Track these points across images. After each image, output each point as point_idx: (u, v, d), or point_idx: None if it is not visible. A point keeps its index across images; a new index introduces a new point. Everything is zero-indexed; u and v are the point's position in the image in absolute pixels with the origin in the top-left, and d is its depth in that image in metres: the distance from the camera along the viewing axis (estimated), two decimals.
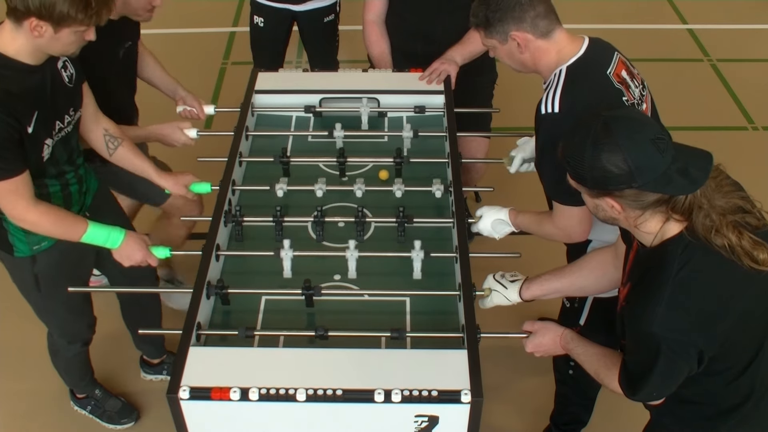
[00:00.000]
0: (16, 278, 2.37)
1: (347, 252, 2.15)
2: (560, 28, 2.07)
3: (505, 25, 2.04)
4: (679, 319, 1.59)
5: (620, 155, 1.53)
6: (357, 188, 2.39)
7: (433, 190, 2.40)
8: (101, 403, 2.86)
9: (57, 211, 2.14)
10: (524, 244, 2.40)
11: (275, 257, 2.16)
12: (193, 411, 1.80)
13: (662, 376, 1.66)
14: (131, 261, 2.24)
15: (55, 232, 2.15)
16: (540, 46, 2.05)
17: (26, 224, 2.09)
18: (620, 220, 1.67)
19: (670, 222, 1.62)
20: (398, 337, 1.93)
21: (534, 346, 2.05)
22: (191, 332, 1.92)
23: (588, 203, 1.72)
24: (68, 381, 2.83)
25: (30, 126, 1.98)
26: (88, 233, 2.16)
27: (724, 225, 1.59)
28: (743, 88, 4.81)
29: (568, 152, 1.63)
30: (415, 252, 2.15)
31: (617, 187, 1.56)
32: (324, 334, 1.93)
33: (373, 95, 2.78)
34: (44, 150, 2.07)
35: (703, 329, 1.61)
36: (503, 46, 2.09)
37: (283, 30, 3.59)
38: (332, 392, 1.76)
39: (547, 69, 2.09)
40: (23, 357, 3.13)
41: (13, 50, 1.94)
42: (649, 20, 5.37)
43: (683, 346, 1.61)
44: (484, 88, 3.22)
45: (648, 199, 1.58)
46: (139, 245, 2.23)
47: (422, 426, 1.80)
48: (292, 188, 2.41)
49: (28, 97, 1.98)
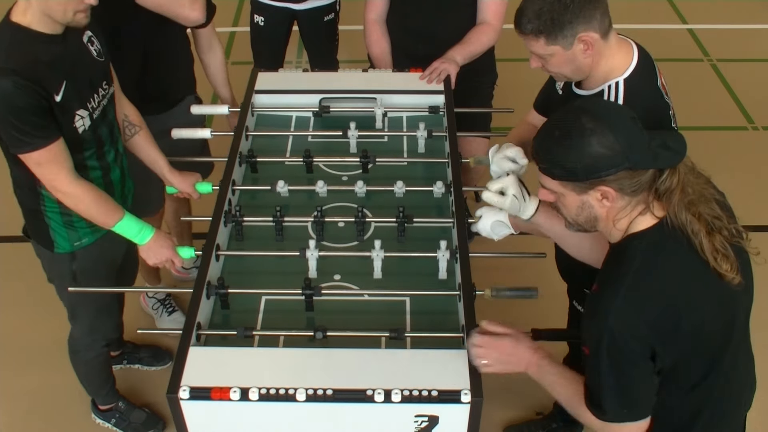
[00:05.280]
0: (53, 274, 2.37)
1: (373, 252, 2.14)
2: (612, 27, 1.97)
3: (576, 26, 1.88)
4: (638, 313, 1.56)
5: (611, 136, 1.53)
6: (357, 188, 2.40)
7: (433, 190, 2.40)
8: (126, 415, 2.84)
9: (99, 190, 2.14)
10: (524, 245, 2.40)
11: (301, 257, 2.14)
12: (193, 411, 1.80)
13: (617, 380, 1.60)
14: (157, 259, 2.25)
15: (93, 211, 2.12)
16: (601, 48, 1.93)
17: (68, 197, 2.08)
18: (601, 217, 1.64)
19: (642, 216, 1.60)
20: (397, 337, 1.93)
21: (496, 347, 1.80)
22: (191, 332, 1.92)
23: (571, 206, 1.65)
24: (89, 389, 2.80)
25: (58, 95, 1.98)
26: (123, 222, 2.17)
27: (698, 211, 1.59)
28: (743, 88, 4.81)
29: (552, 151, 1.60)
30: (441, 252, 2.14)
31: (612, 170, 1.54)
32: (323, 335, 1.93)
33: (372, 95, 2.78)
34: (76, 121, 2.06)
35: (658, 326, 1.58)
36: (566, 51, 1.93)
37: (284, 29, 3.60)
38: (332, 392, 1.76)
39: (597, 74, 1.99)
40: (27, 353, 3.14)
41: (29, 21, 1.96)
42: (649, 20, 5.37)
43: (636, 343, 1.57)
44: (484, 88, 3.22)
45: (643, 178, 1.57)
46: (167, 244, 2.24)
47: (422, 426, 1.80)
48: (293, 188, 2.41)
49: (52, 65, 1.98)
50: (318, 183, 2.39)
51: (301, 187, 2.43)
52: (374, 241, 2.16)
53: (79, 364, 2.66)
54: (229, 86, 2.98)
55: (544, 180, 1.66)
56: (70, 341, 2.61)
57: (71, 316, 2.51)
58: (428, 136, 2.62)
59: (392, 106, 2.77)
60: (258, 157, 2.52)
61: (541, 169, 1.65)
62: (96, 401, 2.86)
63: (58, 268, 2.34)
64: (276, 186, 2.39)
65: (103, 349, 2.63)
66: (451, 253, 2.16)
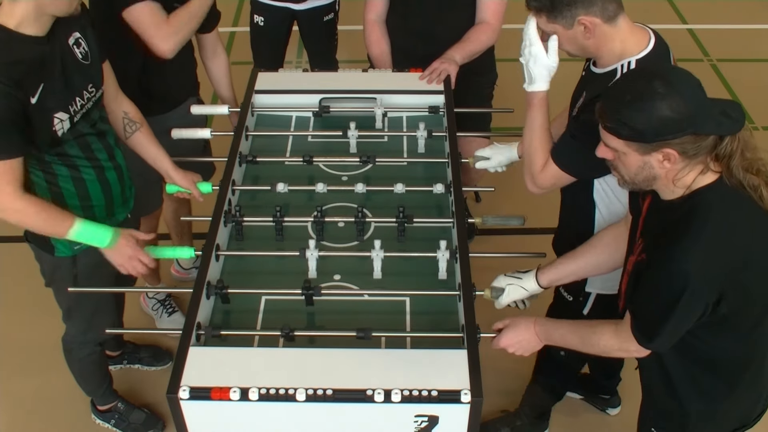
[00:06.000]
0: (54, 278, 2.36)
1: (373, 252, 2.14)
2: (624, 14, 2.03)
3: (574, 9, 1.97)
4: (716, 258, 1.65)
5: (681, 100, 1.60)
6: (357, 188, 2.40)
7: (433, 190, 2.40)
8: (125, 416, 2.84)
9: (44, 202, 2.08)
10: (524, 245, 2.40)
11: (300, 257, 2.14)
12: (193, 411, 1.80)
13: (679, 319, 1.70)
14: (121, 259, 2.17)
15: (41, 223, 2.06)
16: (605, 32, 2.00)
17: (9, 213, 2.02)
18: (660, 177, 1.70)
19: (702, 175, 1.67)
20: (364, 337, 1.92)
21: (507, 340, 2.01)
22: (191, 332, 1.92)
23: (632, 165, 1.71)
24: (86, 389, 2.80)
25: (34, 97, 1.95)
26: (75, 228, 2.08)
27: (756, 168, 1.68)
28: (743, 88, 4.81)
29: (621, 112, 1.65)
30: (441, 252, 2.14)
31: (679, 133, 1.61)
32: (289, 332, 1.93)
33: (372, 95, 2.78)
34: (56, 123, 2.03)
35: (733, 274, 1.67)
36: (567, 31, 2.02)
37: (284, 29, 3.60)
38: (332, 392, 1.76)
39: (610, 55, 2.04)
40: (27, 354, 3.14)
41: (15, 23, 1.93)
42: (649, 20, 5.33)
43: (709, 288, 1.66)
44: (484, 88, 3.22)
45: (705, 143, 1.64)
46: (130, 243, 2.16)
47: (422, 426, 1.80)
48: (293, 188, 2.41)
49: (32, 67, 1.95)
50: (318, 184, 2.40)
51: (301, 187, 2.43)
52: (374, 241, 2.16)
53: (73, 362, 2.66)
54: (232, 91, 2.97)
55: (607, 138, 1.72)
56: (63, 340, 2.61)
57: (67, 315, 2.50)
58: (428, 136, 2.62)
59: (392, 106, 2.77)
60: (258, 156, 2.53)
61: (606, 128, 1.71)
62: (94, 401, 2.86)
63: (59, 272, 2.34)
64: (276, 186, 2.39)
65: (96, 348, 2.62)
66: (451, 253, 2.16)
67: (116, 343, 3.03)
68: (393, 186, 2.40)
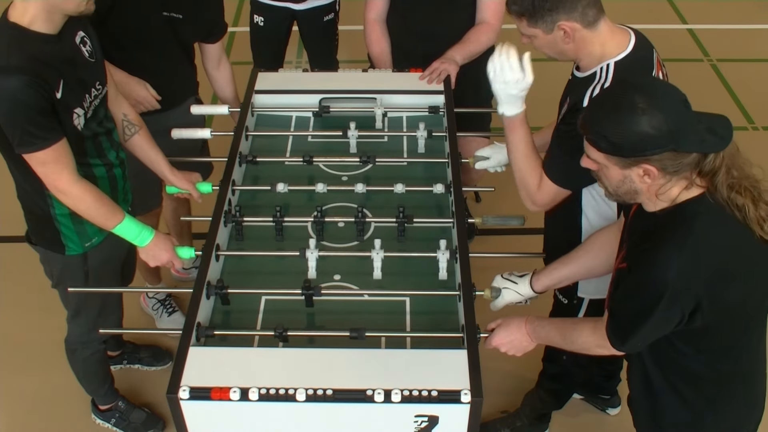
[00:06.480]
0: (63, 277, 2.36)
1: (373, 252, 2.14)
2: (605, 18, 2.03)
3: (555, 15, 1.97)
4: (696, 268, 1.63)
5: (661, 117, 1.57)
6: (357, 188, 2.40)
7: (433, 190, 2.40)
8: (126, 415, 2.84)
9: (100, 192, 2.13)
10: (524, 245, 2.40)
11: (300, 257, 2.14)
12: (193, 411, 1.80)
13: (653, 325, 1.69)
14: (157, 261, 2.24)
15: (94, 212, 2.12)
16: (585, 36, 2.00)
17: (69, 198, 2.07)
18: (642, 191, 1.69)
19: (688, 189, 1.66)
20: (357, 337, 1.93)
21: (499, 339, 2.01)
22: (191, 332, 1.92)
23: (613, 178, 1.70)
24: (88, 388, 2.80)
25: (58, 92, 1.98)
26: (123, 224, 2.16)
27: (743, 186, 1.65)
28: (743, 88, 4.81)
29: (600, 124, 1.64)
30: (441, 252, 2.15)
31: (657, 150, 1.59)
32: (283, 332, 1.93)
33: (372, 95, 2.78)
34: (74, 119, 2.06)
35: (711, 286, 1.64)
36: (547, 35, 2.03)
37: (284, 29, 3.60)
38: (332, 392, 1.76)
39: (589, 58, 2.05)
40: (27, 354, 3.14)
41: (28, 21, 1.95)
42: (649, 20, 5.36)
43: (686, 297, 1.64)
44: (484, 88, 3.21)
45: (685, 161, 1.61)
46: (167, 246, 2.23)
47: (422, 426, 1.80)
48: (293, 188, 2.41)
49: (52, 63, 1.98)
50: (318, 184, 2.40)
51: (301, 187, 2.43)
52: (374, 241, 2.16)
53: (76, 362, 2.66)
54: (237, 99, 2.95)
55: (589, 150, 1.71)
56: (67, 340, 2.61)
57: (74, 315, 2.50)
58: (428, 136, 2.62)
59: (392, 106, 2.77)
60: (258, 156, 2.53)
61: (587, 140, 1.70)
62: (95, 401, 2.86)
63: (70, 271, 2.34)
64: (276, 186, 2.39)
65: (99, 347, 2.63)
66: (451, 253, 2.16)
67: (116, 343, 3.04)
68: (393, 186, 2.40)
